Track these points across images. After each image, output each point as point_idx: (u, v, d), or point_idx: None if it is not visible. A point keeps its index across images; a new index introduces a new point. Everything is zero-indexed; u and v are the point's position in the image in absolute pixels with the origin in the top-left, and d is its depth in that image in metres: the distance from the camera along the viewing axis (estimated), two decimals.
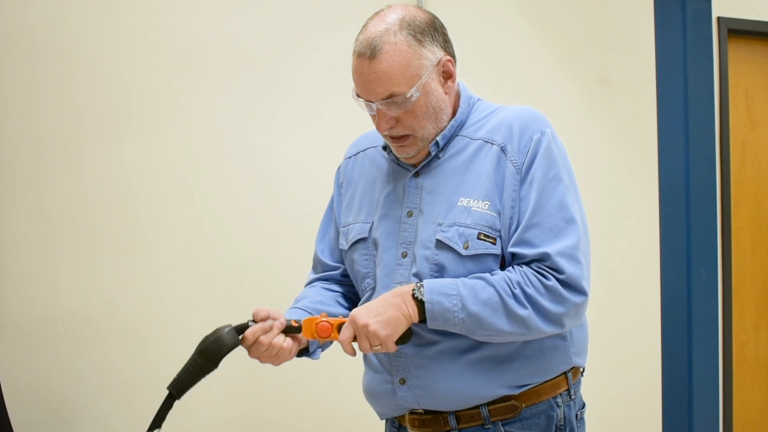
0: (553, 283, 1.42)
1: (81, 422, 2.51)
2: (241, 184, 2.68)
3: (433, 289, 1.42)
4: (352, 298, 1.69)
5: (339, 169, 1.75)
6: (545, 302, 1.41)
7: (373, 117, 1.52)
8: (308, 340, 1.55)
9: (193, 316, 2.58)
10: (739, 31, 3.53)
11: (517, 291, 1.41)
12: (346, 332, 1.44)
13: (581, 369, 1.61)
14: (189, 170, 2.63)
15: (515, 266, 1.45)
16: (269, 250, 2.70)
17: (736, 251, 3.57)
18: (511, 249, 1.46)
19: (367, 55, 1.45)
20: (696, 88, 3.31)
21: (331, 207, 1.74)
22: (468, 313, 1.41)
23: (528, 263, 1.44)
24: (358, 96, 1.50)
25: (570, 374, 1.55)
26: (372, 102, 1.48)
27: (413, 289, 1.42)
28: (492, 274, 1.44)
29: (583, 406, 1.61)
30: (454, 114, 1.56)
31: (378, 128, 1.52)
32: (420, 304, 1.42)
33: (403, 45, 1.45)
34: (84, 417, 2.51)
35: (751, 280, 3.66)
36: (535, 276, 1.42)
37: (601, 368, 3.20)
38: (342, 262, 1.70)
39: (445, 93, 1.53)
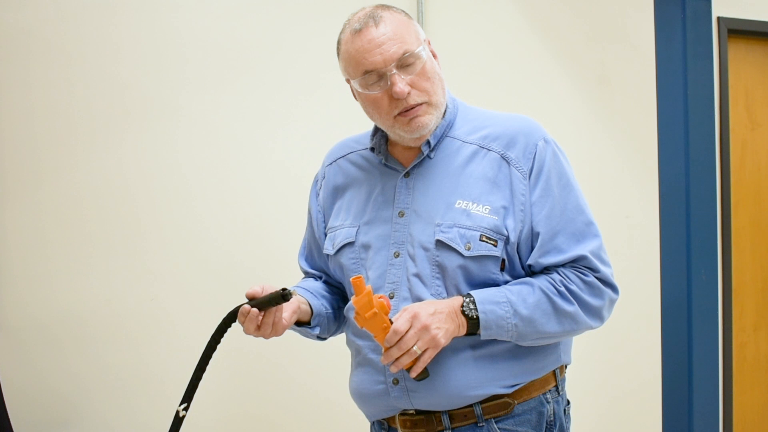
0: (591, 279, 1.50)
1: (81, 422, 2.51)
2: (240, 183, 2.68)
3: (483, 299, 1.45)
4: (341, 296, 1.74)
5: (316, 179, 1.74)
6: (587, 297, 1.49)
7: (380, 100, 1.49)
8: (312, 313, 1.60)
9: (192, 316, 2.58)
10: (739, 31, 3.53)
11: (562, 289, 1.47)
12: (404, 324, 1.40)
13: (566, 366, 1.63)
14: (187, 170, 2.63)
15: (551, 269, 1.50)
16: (269, 250, 2.69)
17: (736, 251, 3.57)
18: (540, 260, 1.50)
19: (370, 24, 1.48)
20: (696, 88, 3.30)
21: (309, 219, 1.76)
22: (521, 318, 1.45)
23: (563, 266, 1.50)
24: (366, 72, 1.48)
25: (558, 371, 1.58)
26: (385, 69, 1.45)
27: (462, 306, 1.44)
28: (531, 278, 1.50)
29: (568, 403, 1.63)
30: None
31: (397, 95, 1.46)
32: (468, 319, 1.44)
33: (399, 14, 1.52)
34: (83, 417, 2.51)
35: (751, 280, 3.65)
36: (574, 274, 1.49)
37: (601, 368, 3.20)
38: (321, 269, 1.75)
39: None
